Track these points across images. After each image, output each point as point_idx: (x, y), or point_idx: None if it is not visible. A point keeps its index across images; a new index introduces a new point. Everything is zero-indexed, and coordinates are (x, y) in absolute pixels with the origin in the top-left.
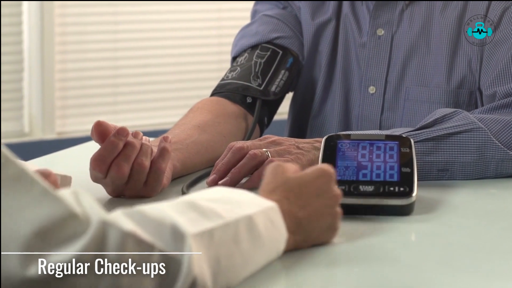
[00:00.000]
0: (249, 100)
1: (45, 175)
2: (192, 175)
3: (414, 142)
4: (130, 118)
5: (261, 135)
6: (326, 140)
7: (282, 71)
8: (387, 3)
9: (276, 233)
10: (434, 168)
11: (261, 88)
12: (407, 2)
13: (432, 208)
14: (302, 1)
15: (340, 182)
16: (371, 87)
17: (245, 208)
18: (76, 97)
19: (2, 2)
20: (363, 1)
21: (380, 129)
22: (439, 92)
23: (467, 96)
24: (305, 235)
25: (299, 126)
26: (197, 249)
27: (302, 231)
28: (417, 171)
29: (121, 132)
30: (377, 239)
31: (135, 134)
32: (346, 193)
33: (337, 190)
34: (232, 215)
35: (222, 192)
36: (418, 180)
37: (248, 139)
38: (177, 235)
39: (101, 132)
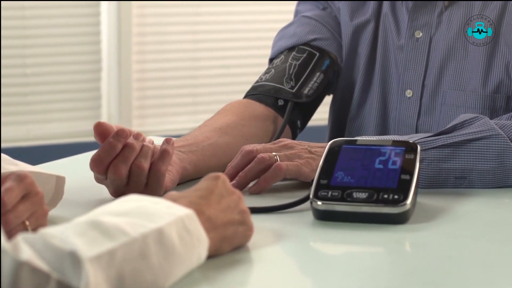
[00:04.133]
0: (280, 102)
1: (21, 177)
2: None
3: (432, 148)
4: None
5: (293, 139)
6: (331, 145)
7: (317, 74)
8: (426, 4)
9: (194, 241)
10: (451, 176)
11: (293, 91)
12: (446, 3)
13: (432, 217)
14: (342, 2)
15: (334, 188)
16: (408, 91)
17: (156, 220)
18: (154, 97)
19: (80, 2)
20: (403, 1)
21: (416, 133)
22: (475, 97)
23: (504, 101)
24: (220, 233)
25: (338, 129)
26: (95, 272)
27: (215, 228)
28: (434, 179)
29: (121, 133)
30: (359, 248)
31: (137, 136)
32: (338, 199)
33: (235, 189)
34: (139, 229)
35: (135, 203)
36: (434, 187)
37: None
38: (74, 261)
39: (101, 133)
